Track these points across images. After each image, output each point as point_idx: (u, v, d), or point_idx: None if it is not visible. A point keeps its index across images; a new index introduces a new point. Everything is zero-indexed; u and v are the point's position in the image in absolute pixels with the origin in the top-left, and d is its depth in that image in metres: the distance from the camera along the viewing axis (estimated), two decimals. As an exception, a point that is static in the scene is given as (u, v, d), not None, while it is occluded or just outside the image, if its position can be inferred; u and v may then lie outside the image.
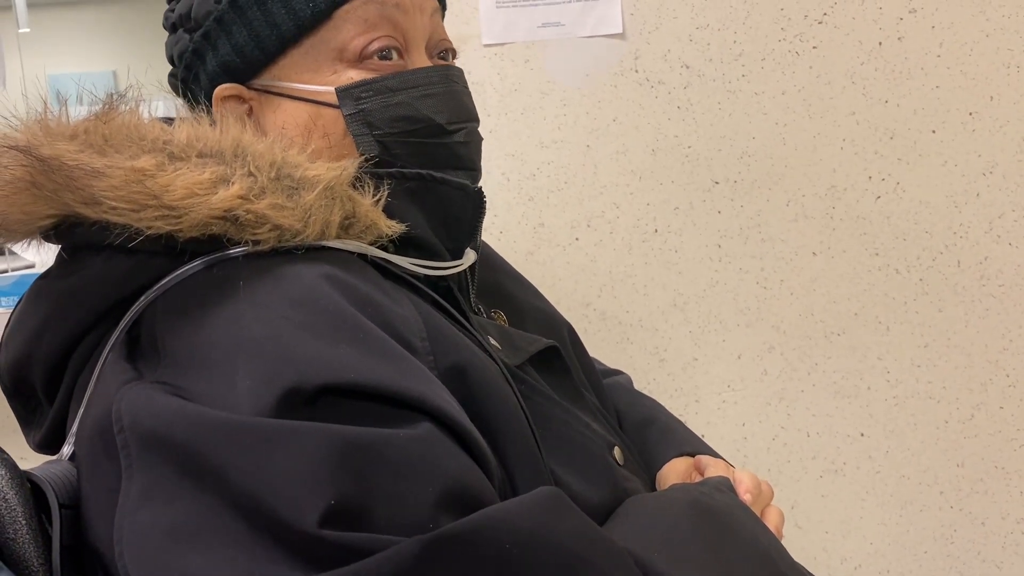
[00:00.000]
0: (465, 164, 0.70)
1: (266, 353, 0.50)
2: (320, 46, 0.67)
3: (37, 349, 0.60)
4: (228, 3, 0.67)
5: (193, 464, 0.47)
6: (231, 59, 0.68)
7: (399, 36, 0.68)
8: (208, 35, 0.68)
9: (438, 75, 0.69)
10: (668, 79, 1.37)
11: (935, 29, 1.32)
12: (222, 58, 0.68)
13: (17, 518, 0.53)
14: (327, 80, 0.67)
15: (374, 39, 0.66)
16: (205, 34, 0.68)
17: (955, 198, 1.35)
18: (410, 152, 0.66)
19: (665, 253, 1.40)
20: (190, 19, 0.69)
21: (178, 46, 0.70)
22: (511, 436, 0.58)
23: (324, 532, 0.44)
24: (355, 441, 0.47)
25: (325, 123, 0.66)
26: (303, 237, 0.57)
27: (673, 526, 0.59)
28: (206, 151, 0.57)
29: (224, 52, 0.68)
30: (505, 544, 0.46)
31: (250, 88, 0.68)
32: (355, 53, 0.66)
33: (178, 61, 0.71)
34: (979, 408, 1.39)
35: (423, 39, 0.70)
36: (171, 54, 0.72)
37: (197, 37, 0.69)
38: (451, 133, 0.68)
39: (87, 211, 0.55)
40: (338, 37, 0.66)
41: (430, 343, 0.57)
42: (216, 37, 0.68)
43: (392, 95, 0.66)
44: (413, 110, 0.67)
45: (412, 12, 0.68)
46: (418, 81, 0.68)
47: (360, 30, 0.66)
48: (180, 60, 0.71)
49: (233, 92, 0.68)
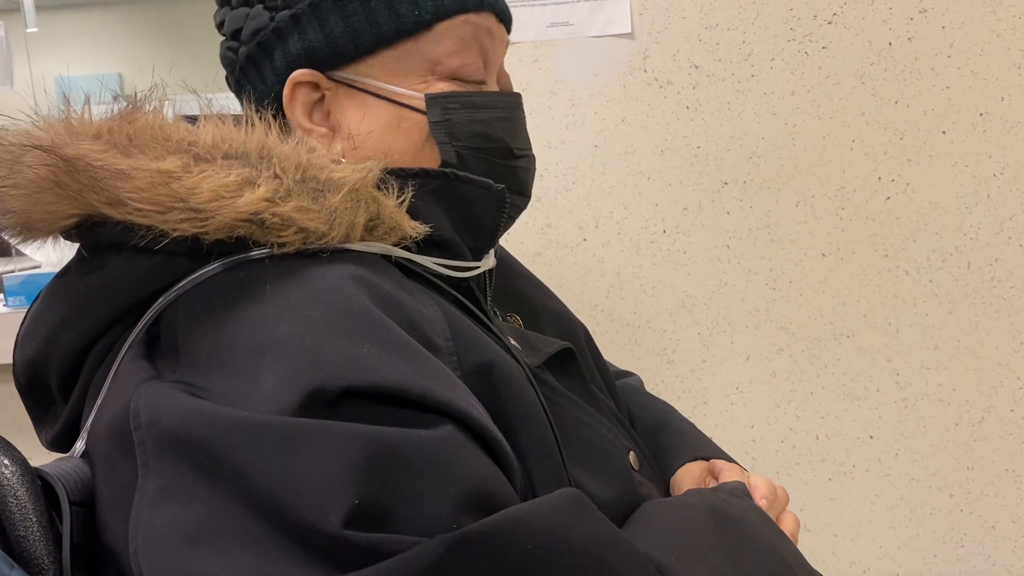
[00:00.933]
0: (523, 190, 0.72)
1: (290, 354, 0.49)
2: (414, 53, 0.67)
3: (55, 347, 0.60)
4: None
5: (211, 463, 0.46)
6: (320, 47, 0.67)
7: (483, 60, 0.70)
8: (298, 18, 0.67)
9: (513, 102, 0.72)
10: (677, 79, 1.36)
11: (945, 29, 1.32)
12: (310, 44, 0.67)
13: (28, 515, 0.53)
14: (416, 87, 0.67)
15: (469, 62, 0.68)
16: (294, 16, 0.67)
17: (965, 199, 1.34)
18: (481, 168, 0.68)
19: (673, 254, 1.39)
20: None
21: (254, 21, 0.69)
22: (533, 437, 0.58)
23: (348, 533, 0.44)
24: (379, 441, 0.47)
25: (409, 126, 0.67)
26: (328, 239, 0.57)
27: (690, 531, 0.59)
28: (232, 152, 0.57)
29: (314, 38, 0.67)
30: (527, 545, 0.45)
31: (330, 78, 0.68)
32: (449, 70, 0.68)
33: (249, 37, 0.69)
34: (989, 411, 1.38)
35: (496, 68, 0.73)
36: (238, 28, 0.70)
37: (283, 17, 0.68)
38: (517, 158, 0.71)
39: (111, 212, 0.55)
40: (435, 50, 0.67)
41: (454, 343, 0.57)
42: (307, 22, 0.67)
43: (476, 111, 0.68)
44: (491, 129, 0.69)
45: (496, 42, 0.71)
46: (498, 103, 0.70)
47: (456, 48, 0.68)
48: (253, 36, 0.69)
49: (311, 79, 0.68)
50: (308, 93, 0.68)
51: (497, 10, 0.71)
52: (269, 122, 0.60)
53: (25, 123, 0.58)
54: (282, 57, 0.68)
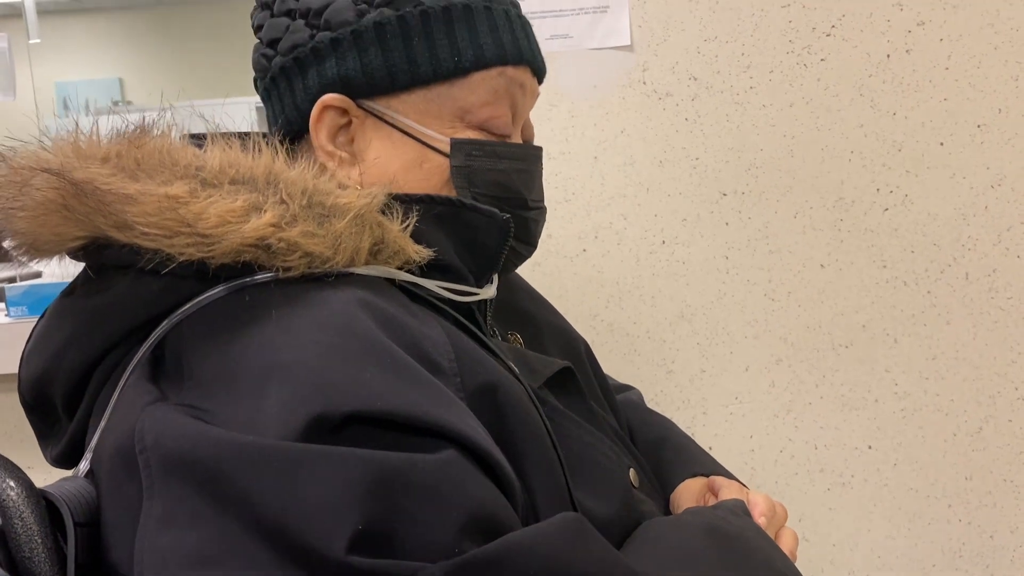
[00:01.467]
0: (530, 239, 0.75)
1: (295, 379, 0.50)
2: (446, 98, 0.68)
3: (60, 365, 0.60)
4: (372, 24, 0.67)
5: (216, 487, 0.47)
6: (356, 75, 0.67)
7: (512, 112, 0.71)
8: (338, 42, 0.67)
9: (533, 155, 0.73)
10: (676, 91, 1.37)
11: (943, 42, 1.32)
12: (346, 71, 0.67)
13: (33, 536, 0.53)
14: (444, 130, 0.68)
15: (498, 115, 0.70)
16: (335, 40, 0.67)
17: (963, 210, 1.35)
18: None
19: (672, 264, 1.40)
20: (319, 17, 0.68)
21: (293, 35, 0.69)
22: (536, 457, 0.59)
23: (351, 558, 0.44)
24: (382, 466, 0.47)
25: (431, 167, 0.68)
26: (332, 264, 0.57)
27: (689, 551, 0.59)
28: (238, 178, 0.57)
29: (351, 66, 0.67)
30: (529, 570, 0.46)
31: (360, 106, 0.68)
32: (478, 120, 0.69)
33: (287, 50, 0.70)
34: (987, 421, 1.39)
35: (522, 120, 0.74)
36: (276, 38, 0.70)
37: (323, 38, 0.68)
38: (530, 209, 0.73)
39: (118, 235, 0.55)
40: (468, 98, 0.69)
41: (458, 364, 0.57)
42: (347, 48, 0.67)
43: (497, 161, 0.69)
44: (509, 180, 0.70)
45: (527, 96, 0.72)
46: (519, 155, 0.71)
47: (488, 99, 0.69)
48: (291, 50, 0.69)
49: (341, 104, 0.68)
50: (336, 117, 0.68)
51: (534, 66, 0.72)
52: (276, 147, 0.61)
53: (33, 145, 0.59)
54: (316, 77, 0.68)
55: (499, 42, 0.68)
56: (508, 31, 0.69)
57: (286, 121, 0.71)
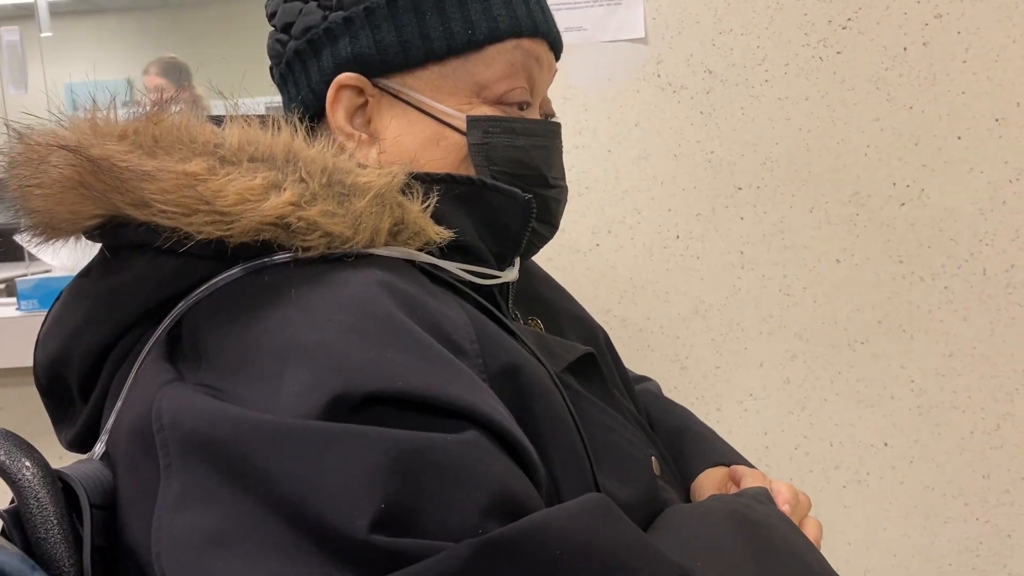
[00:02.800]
0: (552, 219, 0.73)
1: (314, 359, 0.49)
2: (462, 73, 0.67)
3: (76, 347, 0.60)
4: (385, 1, 0.66)
5: (235, 466, 0.46)
6: (370, 53, 0.67)
7: (530, 87, 0.70)
8: (351, 21, 0.67)
9: (551, 131, 0.72)
10: (691, 84, 1.36)
11: (961, 34, 1.31)
12: (361, 49, 0.67)
13: (49, 517, 0.52)
14: (460, 107, 0.68)
15: (516, 88, 0.68)
16: (348, 19, 0.67)
17: (981, 205, 1.34)
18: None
19: (687, 259, 1.39)
20: None
21: (306, 18, 0.69)
22: (559, 441, 0.58)
23: (373, 538, 0.43)
24: (404, 446, 0.46)
25: (447, 144, 0.67)
26: (353, 244, 0.56)
27: (714, 537, 0.58)
28: (257, 155, 0.57)
29: (365, 44, 0.67)
30: (555, 550, 0.45)
31: (375, 85, 0.68)
32: (495, 95, 0.68)
33: (300, 33, 0.69)
34: (1005, 418, 1.37)
35: (541, 96, 0.72)
36: (290, 22, 0.70)
37: (336, 18, 0.67)
38: (551, 187, 0.71)
39: (136, 213, 0.54)
40: (484, 72, 0.68)
41: (479, 345, 0.56)
42: (359, 26, 0.67)
43: (515, 137, 0.68)
44: (528, 156, 0.69)
45: (544, 69, 0.71)
46: (537, 131, 0.70)
47: (505, 73, 0.68)
48: (304, 33, 0.69)
49: (356, 83, 0.67)
50: (352, 97, 0.68)
51: (550, 38, 0.71)
52: (295, 125, 0.60)
53: (51, 123, 0.58)
54: (330, 58, 0.68)
55: (513, 14, 0.68)
56: (523, 3, 0.68)
57: (302, 104, 0.70)
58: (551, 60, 0.72)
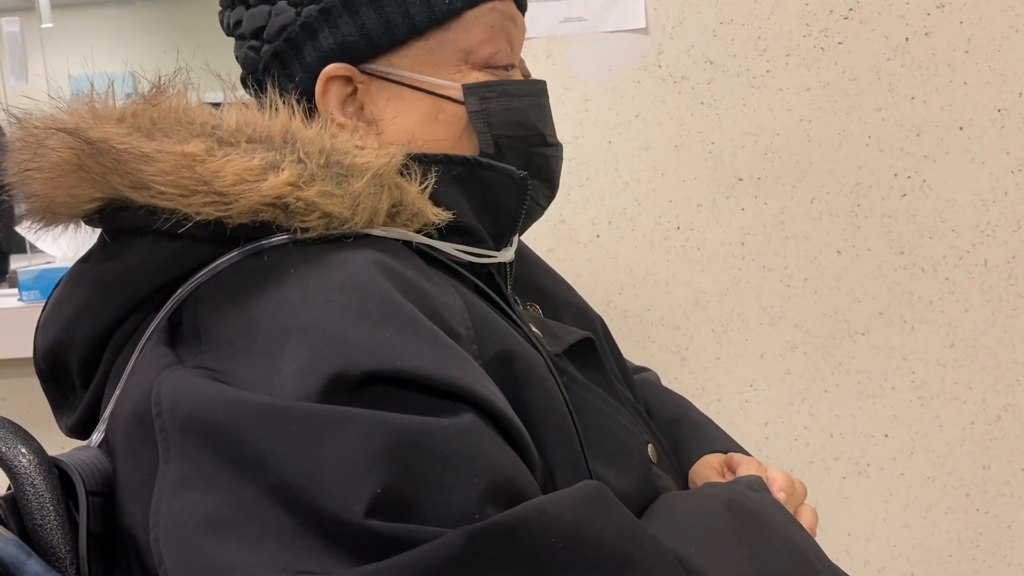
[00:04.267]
0: (552, 178, 0.73)
1: (313, 338, 0.49)
2: (446, 44, 0.67)
3: (76, 332, 0.60)
4: None
5: (233, 450, 0.46)
6: (353, 39, 0.66)
7: (510, 47, 0.70)
8: (328, 11, 0.67)
9: (541, 89, 0.72)
10: (691, 75, 1.35)
11: (963, 24, 1.31)
12: (343, 37, 0.67)
13: (45, 504, 0.52)
14: (452, 77, 0.67)
15: (500, 50, 0.68)
16: (324, 10, 0.67)
17: (983, 196, 1.33)
18: (517, 156, 0.68)
19: (687, 251, 1.39)
20: None
21: (279, 18, 0.68)
22: (553, 426, 0.58)
23: (370, 522, 0.43)
24: (402, 430, 0.46)
25: (447, 117, 0.67)
26: (351, 225, 0.56)
27: (708, 524, 0.59)
28: (255, 136, 0.57)
29: (346, 31, 0.66)
30: (551, 537, 0.45)
31: (363, 71, 0.67)
32: (482, 59, 0.68)
33: (275, 34, 0.68)
34: (1006, 409, 1.37)
35: (518, 55, 0.72)
36: (260, 26, 0.69)
37: (311, 11, 0.67)
38: (550, 145, 0.71)
39: (135, 195, 0.54)
40: (467, 39, 0.67)
41: (475, 331, 0.56)
42: (338, 15, 0.67)
43: (511, 99, 0.68)
44: (526, 117, 0.69)
45: (519, 29, 0.71)
46: (530, 91, 0.70)
47: (487, 36, 0.68)
48: (280, 33, 0.68)
49: (344, 73, 0.67)
50: (341, 87, 0.67)
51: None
52: (293, 107, 0.60)
53: (49, 107, 0.58)
54: (313, 52, 0.67)
55: None
56: None
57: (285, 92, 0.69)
58: (522, 20, 0.72)
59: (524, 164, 0.68)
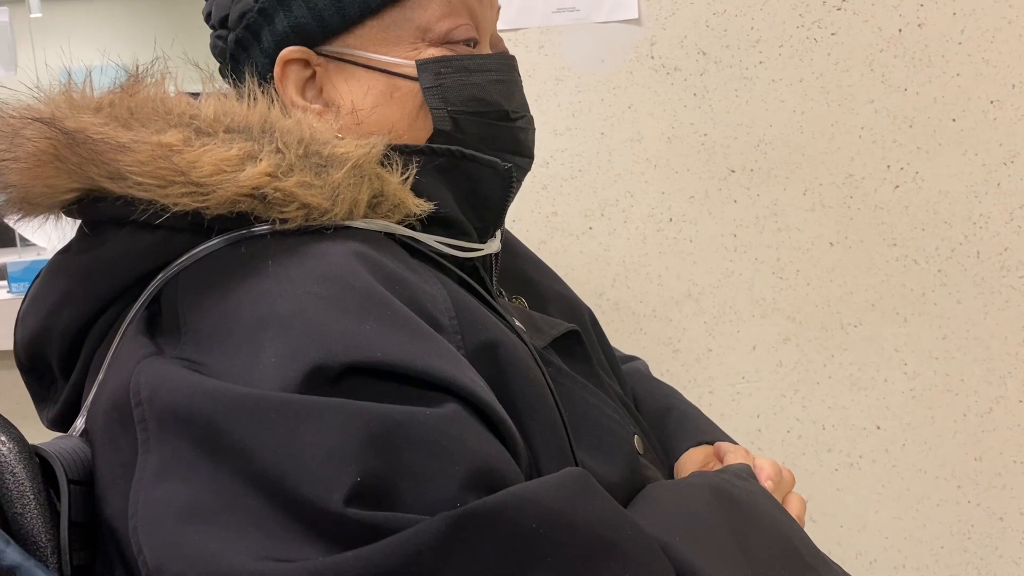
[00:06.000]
0: (524, 150, 0.71)
1: (292, 330, 0.49)
2: (402, 21, 0.66)
3: (55, 324, 0.60)
4: None
5: (212, 440, 0.46)
6: (306, 21, 0.66)
7: (474, 24, 0.68)
8: None
9: (507, 64, 0.70)
10: (684, 66, 1.35)
11: (956, 16, 1.30)
12: (296, 20, 0.66)
13: (25, 492, 0.52)
14: (407, 55, 0.66)
15: (459, 25, 0.67)
16: None
17: (975, 188, 1.33)
18: (477, 132, 0.67)
19: (680, 242, 1.39)
20: None
21: (239, 5, 0.68)
22: (538, 417, 0.57)
23: (349, 511, 0.43)
24: (382, 419, 0.46)
25: (402, 95, 0.66)
26: (331, 216, 0.56)
27: (694, 512, 0.58)
28: (233, 127, 0.56)
29: (299, 14, 0.66)
30: (531, 523, 0.45)
31: (319, 54, 0.67)
32: (440, 35, 0.67)
33: (236, 21, 0.69)
34: (998, 401, 1.37)
35: (488, 33, 0.71)
36: (224, 15, 0.70)
37: None
38: (514, 120, 0.70)
39: (112, 186, 0.54)
40: (423, 16, 0.66)
41: (458, 321, 0.56)
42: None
43: (469, 75, 0.67)
44: (485, 92, 0.67)
45: (485, 5, 0.69)
46: (491, 66, 0.69)
47: (444, 12, 0.66)
48: (240, 20, 0.68)
49: (300, 56, 0.67)
50: (299, 71, 0.67)
51: None
52: (272, 97, 0.59)
53: (26, 97, 0.58)
54: (270, 37, 0.67)
55: None
56: None
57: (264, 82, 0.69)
58: None
59: (489, 140, 0.67)
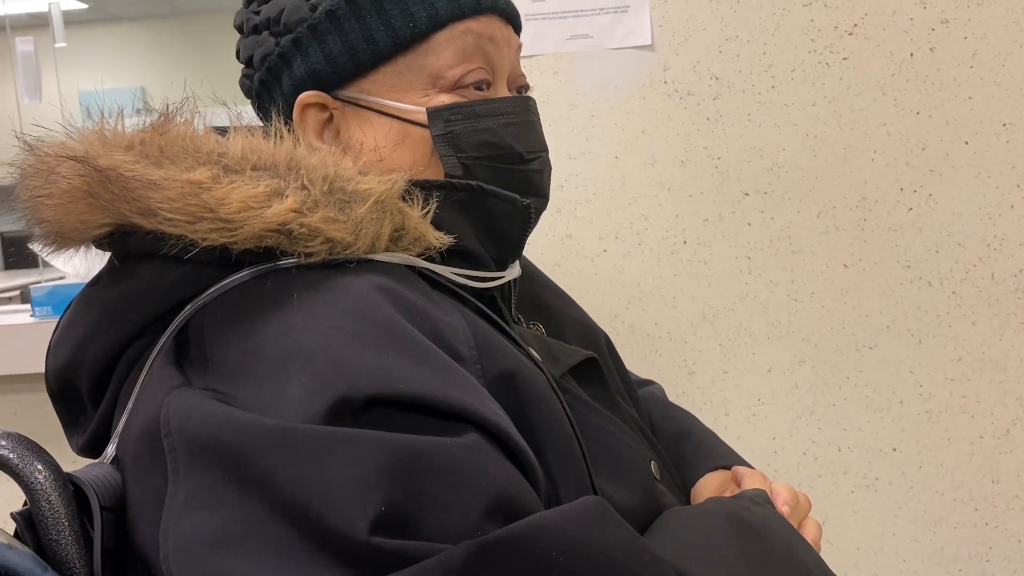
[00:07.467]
0: (538, 191, 0.72)
1: (316, 362, 0.50)
2: (414, 68, 0.68)
3: (86, 354, 0.61)
4: (324, 13, 0.68)
5: (240, 470, 0.47)
6: (321, 67, 0.68)
7: (488, 68, 0.70)
8: (299, 41, 0.69)
9: (520, 106, 0.71)
10: (697, 90, 1.36)
11: (967, 40, 1.31)
12: (312, 65, 0.68)
13: (60, 519, 0.53)
14: (419, 101, 0.68)
15: (470, 70, 0.68)
16: (296, 40, 0.69)
17: (988, 210, 1.34)
18: (489, 176, 0.68)
19: (694, 265, 1.39)
20: (279, 23, 0.70)
21: (261, 48, 0.70)
22: (557, 446, 0.58)
23: (374, 539, 0.44)
24: (405, 449, 0.47)
25: (413, 141, 0.68)
26: (354, 250, 0.57)
27: (710, 539, 0.59)
28: (260, 164, 0.58)
29: (315, 60, 0.68)
30: (552, 552, 0.46)
31: (336, 98, 0.69)
32: (451, 82, 0.68)
33: (259, 63, 0.71)
34: (1015, 423, 1.37)
35: (506, 72, 0.72)
36: (250, 55, 0.72)
37: (286, 42, 0.69)
38: (528, 161, 0.71)
39: (143, 221, 0.56)
40: (435, 62, 0.68)
41: (478, 351, 0.57)
42: (307, 44, 0.68)
43: (479, 120, 0.68)
44: (497, 137, 0.69)
45: (501, 46, 0.70)
46: (503, 110, 0.70)
47: (457, 59, 0.68)
48: (263, 63, 0.71)
49: (317, 100, 0.69)
50: (316, 114, 0.69)
51: (499, 10, 0.70)
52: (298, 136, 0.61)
53: (60, 135, 0.59)
54: (289, 81, 0.69)
55: None
56: None
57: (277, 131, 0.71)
58: (508, 35, 0.72)
59: (504, 183, 0.68)
